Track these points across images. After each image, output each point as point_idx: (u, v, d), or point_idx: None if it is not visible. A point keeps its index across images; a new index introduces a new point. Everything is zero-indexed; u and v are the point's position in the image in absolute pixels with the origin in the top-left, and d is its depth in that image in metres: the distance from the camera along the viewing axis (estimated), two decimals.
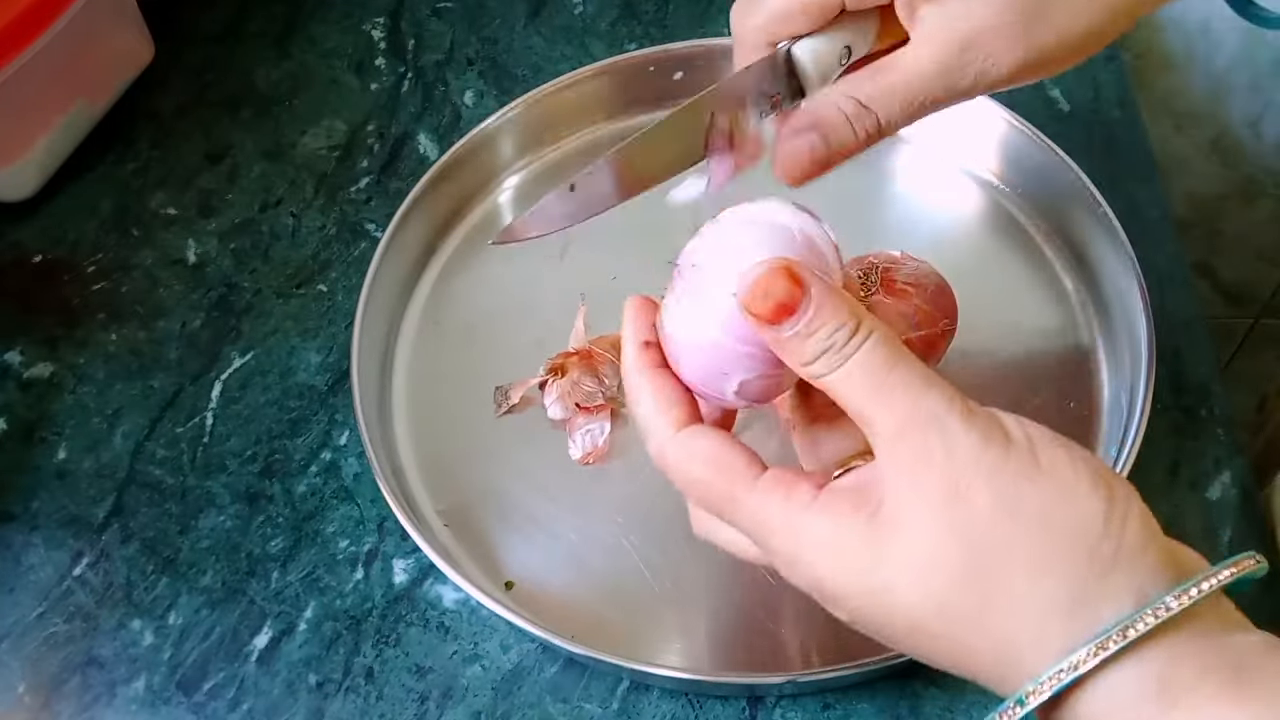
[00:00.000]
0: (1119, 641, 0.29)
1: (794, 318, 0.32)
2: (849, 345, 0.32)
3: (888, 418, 0.32)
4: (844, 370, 0.32)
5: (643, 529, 0.52)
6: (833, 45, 0.40)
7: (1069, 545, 0.30)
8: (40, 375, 0.59)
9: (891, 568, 0.31)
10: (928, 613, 0.31)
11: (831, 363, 0.32)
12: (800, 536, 0.33)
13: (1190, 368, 0.57)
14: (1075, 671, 0.29)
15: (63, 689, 0.49)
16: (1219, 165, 0.86)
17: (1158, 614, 0.29)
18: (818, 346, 0.33)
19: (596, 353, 0.56)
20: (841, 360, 0.32)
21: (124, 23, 0.67)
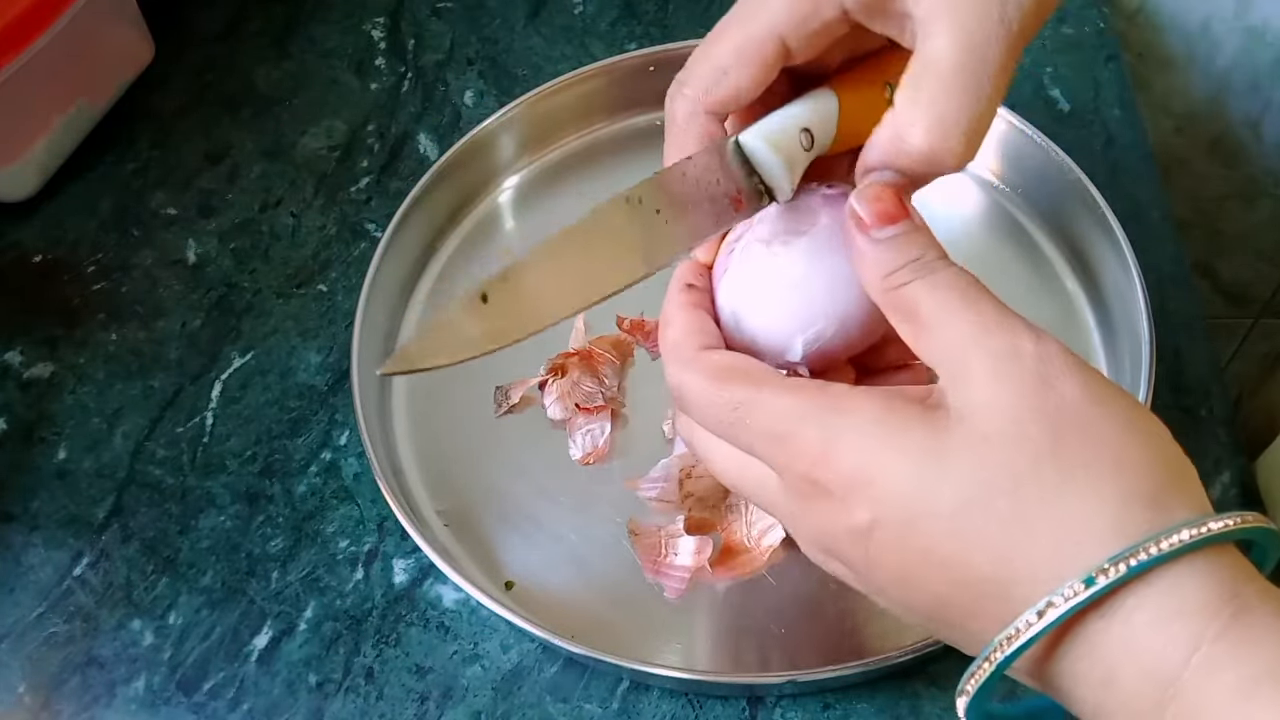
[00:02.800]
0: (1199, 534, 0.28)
1: (896, 224, 0.33)
2: (938, 262, 0.32)
3: (974, 320, 0.31)
4: (923, 282, 0.32)
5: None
6: (786, 125, 0.35)
7: (1147, 448, 0.30)
8: (40, 375, 0.59)
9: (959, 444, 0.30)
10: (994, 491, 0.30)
11: (915, 272, 0.32)
12: (840, 416, 0.31)
13: (1190, 368, 0.57)
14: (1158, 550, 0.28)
15: (63, 689, 0.49)
16: (1219, 165, 0.86)
17: (1233, 522, 0.28)
18: (908, 255, 0.32)
19: (596, 353, 0.56)
20: (924, 273, 0.32)
21: (124, 23, 0.67)
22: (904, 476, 0.30)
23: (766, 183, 0.35)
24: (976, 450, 0.30)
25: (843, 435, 0.31)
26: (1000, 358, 0.31)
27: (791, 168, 0.35)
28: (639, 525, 0.51)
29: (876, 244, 0.33)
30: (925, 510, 0.30)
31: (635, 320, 0.58)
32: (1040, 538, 0.29)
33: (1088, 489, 0.29)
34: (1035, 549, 0.29)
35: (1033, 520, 0.29)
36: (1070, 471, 0.29)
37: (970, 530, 0.30)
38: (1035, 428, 0.30)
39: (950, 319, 0.31)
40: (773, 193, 0.36)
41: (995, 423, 0.30)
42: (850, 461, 0.31)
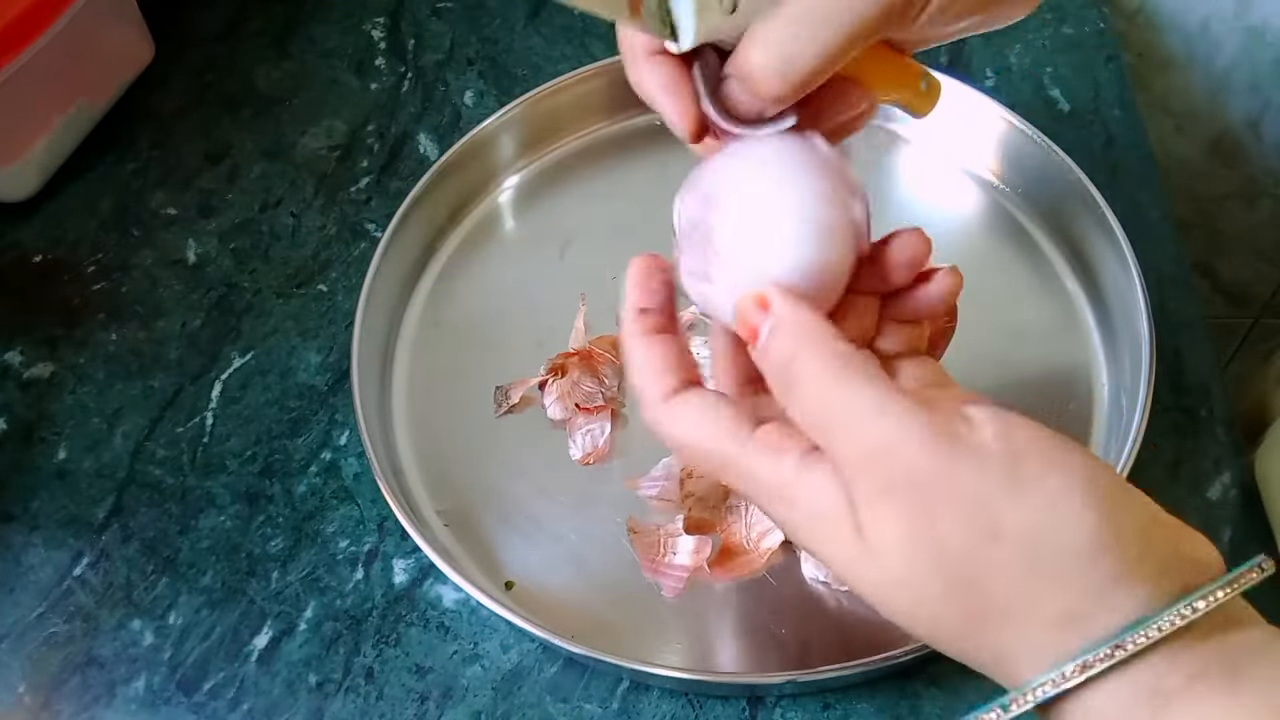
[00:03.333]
0: (1107, 660, 0.29)
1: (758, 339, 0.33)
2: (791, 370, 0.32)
3: (843, 449, 0.31)
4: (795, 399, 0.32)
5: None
6: None
7: (1058, 566, 0.29)
8: (40, 375, 0.59)
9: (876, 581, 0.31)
10: (913, 625, 0.32)
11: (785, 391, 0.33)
12: (790, 505, 0.33)
13: (1190, 368, 0.57)
14: (1060, 686, 0.29)
15: (63, 689, 0.49)
16: (1219, 165, 0.86)
17: (1149, 635, 0.28)
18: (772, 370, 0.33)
19: (596, 353, 0.56)
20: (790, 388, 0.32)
21: (124, 23, 0.67)
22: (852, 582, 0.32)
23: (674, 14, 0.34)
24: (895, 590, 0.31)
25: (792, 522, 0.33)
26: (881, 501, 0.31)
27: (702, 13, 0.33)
28: (639, 524, 0.51)
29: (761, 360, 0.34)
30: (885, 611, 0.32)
31: None
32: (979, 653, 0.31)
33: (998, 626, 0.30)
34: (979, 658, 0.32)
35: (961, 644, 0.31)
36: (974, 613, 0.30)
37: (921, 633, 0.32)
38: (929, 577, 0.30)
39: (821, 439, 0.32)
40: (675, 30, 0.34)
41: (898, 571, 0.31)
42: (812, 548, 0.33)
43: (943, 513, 0.30)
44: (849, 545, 0.31)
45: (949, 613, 0.31)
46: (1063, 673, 0.29)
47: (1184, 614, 0.29)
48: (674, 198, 0.37)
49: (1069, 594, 0.29)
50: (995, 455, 0.30)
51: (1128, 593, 0.29)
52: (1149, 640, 0.29)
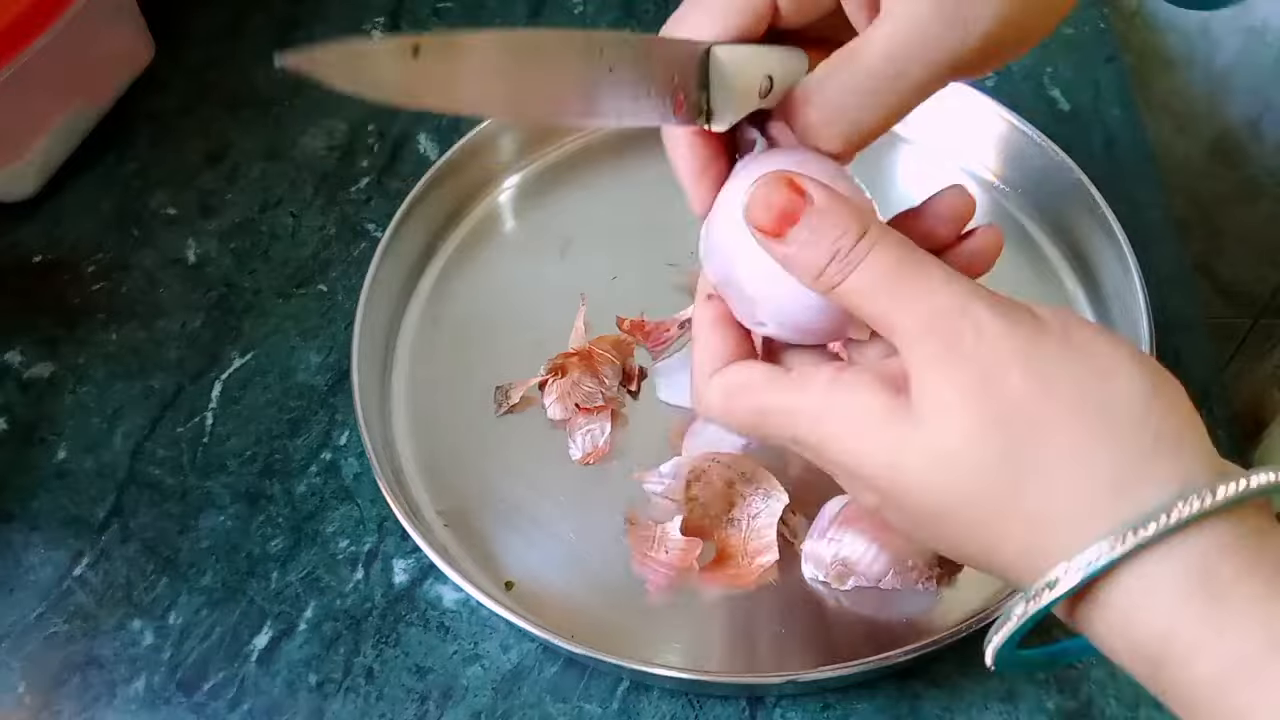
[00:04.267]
0: (1159, 525, 0.28)
1: (797, 226, 0.32)
2: (856, 250, 0.31)
3: (908, 318, 0.31)
4: (856, 276, 0.31)
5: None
6: (757, 62, 0.35)
7: (1108, 425, 0.29)
8: (40, 375, 0.59)
9: (917, 455, 0.31)
10: (956, 500, 0.31)
11: (843, 269, 0.31)
12: (825, 419, 0.32)
13: (1190, 368, 0.57)
14: (1111, 554, 0.28)
15: (63, 689, 0.49)
16: (1219, 165, 0.86)
17: (1202, 500, 0.28)
18: (824, 254, 0.32)
19: (597, 353, 0.56)
20: (851, 266, 0.31)
21: (124, 23, 0.67)
22: (887, 480, 0.32)
23: (713, 103, 0.34)
24: (938, 463, 0.31)
25: (828, 443, 0.33)
26: (943, 353, 0.30)
27: (742, 101, 0.34)
28: (637, 516, 0.51)
29: (790, 250, 0.32)
30: (912, 507, 0.32)
31: (635, 320, 0.58)
32: (1011, 540, 0.30)
33: (1045, 490, 0.30)
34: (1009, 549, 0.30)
35: (1000, 525, 0.30)
36: (1023, 478, 0.30)
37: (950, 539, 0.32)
38: (984, 436, 0.30)
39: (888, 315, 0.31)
40: (711, 116, 0.35)
41: (949, 436, 0.30)
42: (841, 463, 0.33)
43: (1004, 366, 0.30)
44: (890, 430, 0.31)
45: (997, 480, 0.30)
46: (1112, 541, 0.28)
47: (1238, 485, 0.28)
48: (675, 199, 0.38)
49: (1120, 452, 0.29)
50: (1051, 323, 0.31)
51: (1177, 462, 0.29)
52: (1200, 507, 0.28)
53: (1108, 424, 0.29)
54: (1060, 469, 0.29)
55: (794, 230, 0.32)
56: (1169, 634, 0.28)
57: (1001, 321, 0.30)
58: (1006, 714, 0.47)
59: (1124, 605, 0.29)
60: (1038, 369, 0.30)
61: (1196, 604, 0.28)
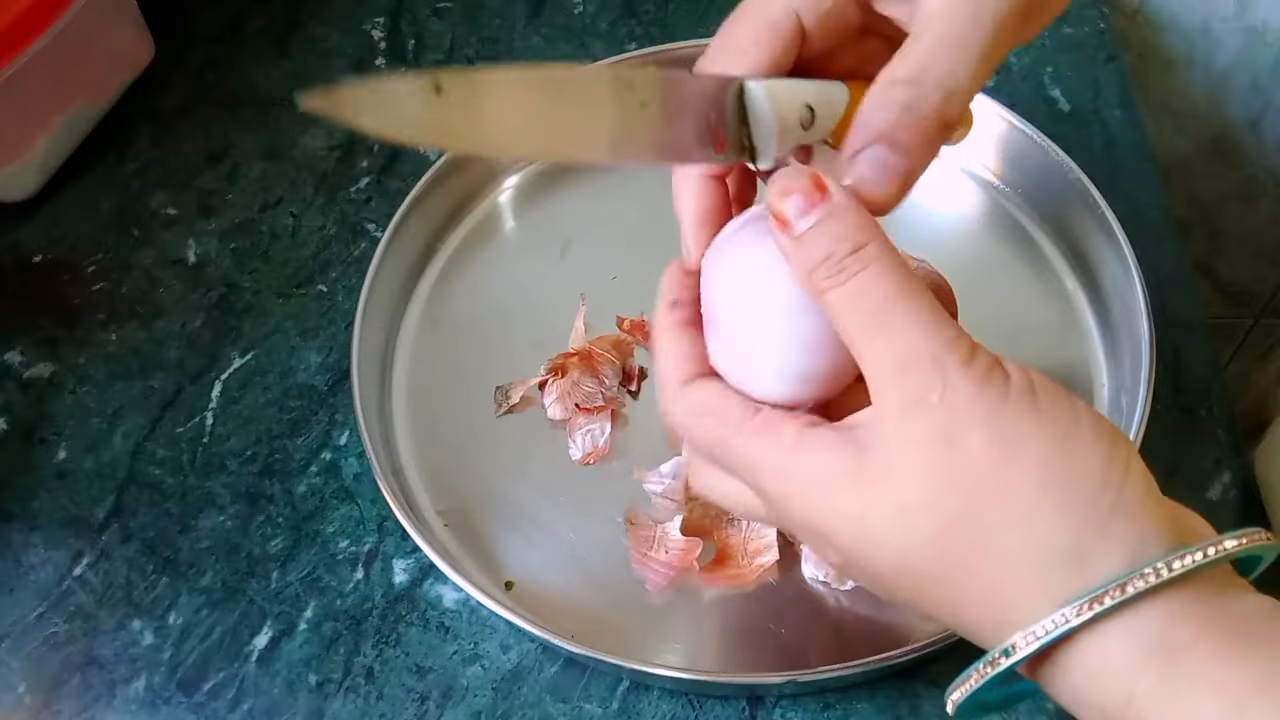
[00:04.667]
0: (1115, 598, 0.28)
1: (806, 217, 0.31)
2: (851, 260, 0.31)
3: (885, 352, 0.31)
4: (844, 289, 0.31)
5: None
6: (794, 92, 0.34)
7: (1066, 492, 0.29)
8: (40, 375, 0.59)
9: (879, 510, 0.31)
10: (917, 558, 0.31)
11: (831, 275, 0.31)
12: (788, 477, 0.32)
13: (1190, 368, 0.57)
14: (1066, 624, 0.28)
15: (63, 689, 0.49)
16: (1219, 165, 0.86)
17: (1158, 573, 0.28)
18: (821, 251, 0.31)
19: (597, 353, 0.56)
20: (842, 276, 0.31)
21: (124, 23, 0.67)
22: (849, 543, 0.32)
23: (753, 140, 0.34)
24: (898, 519, 0.31)
25: (791, 496, 0.33)
26: (909, 404, 0.30)
27: (783, 135, 0.34)
28: (637, 516, 0.51)
29: (795, 242, 0.32)
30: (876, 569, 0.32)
31: (635, 320, 0.58)
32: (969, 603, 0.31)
33: (1002, 556, 0.30)
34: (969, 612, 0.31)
35: (959, 587, 0.31)
36: (980, 542, 0.30)
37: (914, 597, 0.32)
38: (942, 494, 0.30)
39: (866, 343, 0.31)
40: (755, 152, 0.34)
41: (909, 488, 0.30)
42: (803, 520, 0.33)
43: (968, 423, 0.30)
44: (849, 488, 0.31)
45: (955, 538, 0.30)
46: (1070, 611, 0.28)
47: (1194, 557, 0.28)
48: (671, 204, 0.38)
49: (1079, 522, 0.29)
50: (1016, 386, 0.31)
51: (1134, 532, 0.29)
52: (1158, 579, 0.28)
53: (1067, 492, 0.30)
54: (1018, 535, 0.30)
55: (802, 219, 0.32)
56: (1127, 700, 0.29)
57: (971, 381, 0.30)
58: (1006, 714, 0.47)
59: (1082, 670, 0.29)
60: (1000, 432, 0.30)
61: (1154, 671, 0.28)
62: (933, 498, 0.30)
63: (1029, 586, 0.29)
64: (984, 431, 0.30)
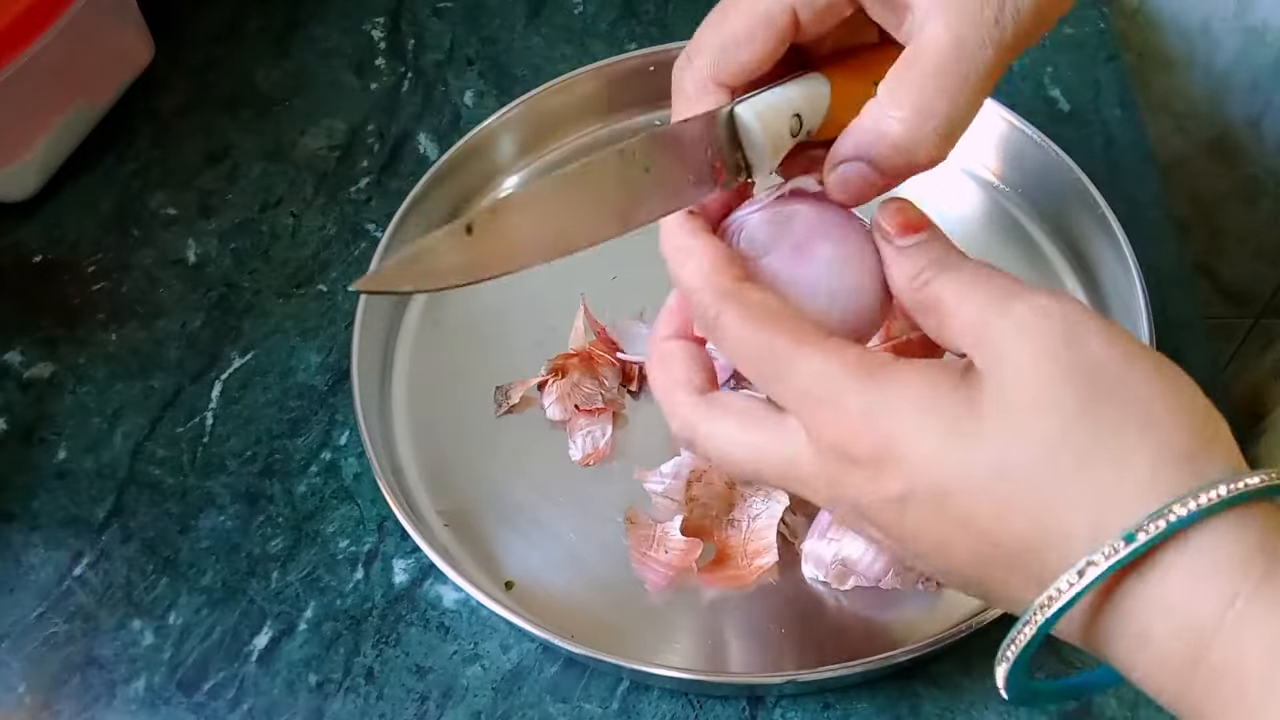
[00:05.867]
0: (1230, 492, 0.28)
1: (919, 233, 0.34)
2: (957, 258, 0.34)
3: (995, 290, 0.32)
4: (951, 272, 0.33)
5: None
6: (780, 106, 0.35)
7: (1178, 403, 0.30)
8: (40, 375, 0.59)
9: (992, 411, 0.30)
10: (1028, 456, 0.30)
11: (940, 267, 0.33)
12: (886, 388, 0.31)
13: (1190, 368, 0.56)
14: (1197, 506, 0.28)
15: (63, 689, 0.49)
16: (1219, 165, 0.86)
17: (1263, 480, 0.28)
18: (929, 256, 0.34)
19: (596, 354, 0.56)
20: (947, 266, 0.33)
21: (124, 23, 0.67)
22: (938, 449, 0.31)
23: (749, 159, 0.35)
24: (1010, 418, 0.30)
25: (881, 407, 0.31)
26: (1026, 322, 0.31)
27: (776, 150, 0.35)
28: (636, 515, 0.51)
29: (901, 251, 0.34)
30: (960, 481, 0.30)
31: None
32: (1076, 500, 0.29)
33: (1121, 449, 0.29)
34: (1072, 512, 0.29)
35: (1068, 484, 0.30)
36: (1103, 433, 0.30)
37: (1007, 498, 0.30)
38: (1066, 389, 0.30)
39: (972, 297, 0.32)
40: (751, 169, 0.35)
41: (1028, 388, 0.30)
42: (885, 433, 0.31)
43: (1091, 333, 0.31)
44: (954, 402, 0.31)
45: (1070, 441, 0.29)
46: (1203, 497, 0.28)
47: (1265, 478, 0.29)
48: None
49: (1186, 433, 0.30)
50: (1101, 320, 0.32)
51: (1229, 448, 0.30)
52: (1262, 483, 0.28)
53: (1178, 403, 0.30)
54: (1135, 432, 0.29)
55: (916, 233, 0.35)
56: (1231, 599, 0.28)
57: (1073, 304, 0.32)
58: (1006, 714, 0.47)
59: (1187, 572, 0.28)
60: (1115, 341, 0.31)
61: (1258, 570, 0.28)
62: (1054, 393, 0.30)
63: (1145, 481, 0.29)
64: (1104, 337, 0.31)
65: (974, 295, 0.32)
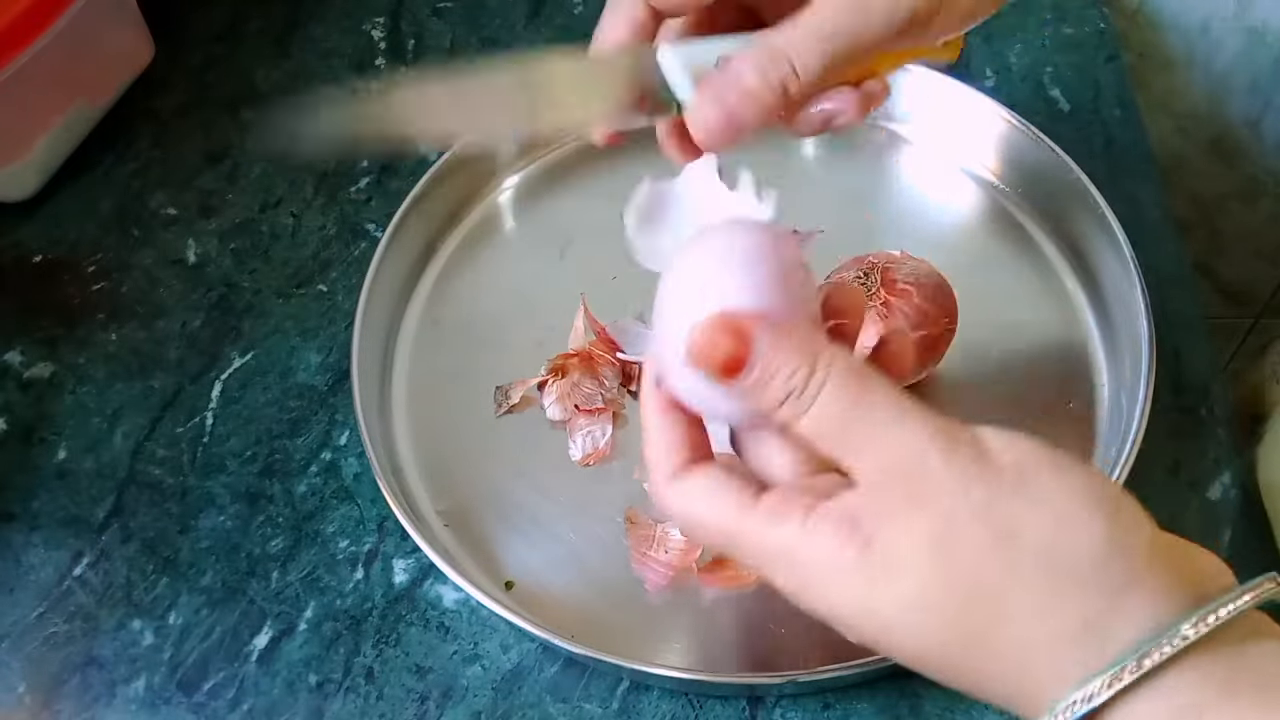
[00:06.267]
0: (1134, 673, 0.28)
1: (744, 371, 0.32)
2: (809, 388, 0.31)
3: (864, 463, 0.31)
4: (810, 416, 0.31)
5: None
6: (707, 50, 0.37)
7: (1073, 572, 0.29)
8: (40, 375, 0.59)
9: (888, 609, 0.31)
10: (929, 650, 0.31)
11: (796, 408, 0.32)
12: (798, 566, 0.32)
13: (1190, 368, 0.57)
14: (1090, 704, 0.28)
15: (63, 689, 0.49)
16: (1219, 165, 0.86)
17: (1173, 644, 0.28)
18: (778, 394, 0.32)
19: (596, 354, 0.56)
20: (806, 405, 0.31)
21: (124, 23, 0.67)
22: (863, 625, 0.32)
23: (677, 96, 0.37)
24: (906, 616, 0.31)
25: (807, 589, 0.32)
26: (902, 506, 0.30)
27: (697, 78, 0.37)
28: (637, 515, 0.51)
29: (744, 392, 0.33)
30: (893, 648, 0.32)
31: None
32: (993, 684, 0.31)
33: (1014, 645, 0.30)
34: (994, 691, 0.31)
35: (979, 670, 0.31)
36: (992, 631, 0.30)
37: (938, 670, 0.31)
38: (947, 592, 0.30)
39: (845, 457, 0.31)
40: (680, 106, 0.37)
41: (912, 588, 0.30)
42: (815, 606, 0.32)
43: (962, 520, 0.30)
44: (858, 582, 0.31)
45: (964, 630, 0.30)
46: (1091, 690, 0.28)
47: (1207, 621, 0.28)
48: None
49: (1086, 600, 0.29)
50: (1006, 466, 0.30)
51: (1144, 600, 0.29)
52: (1174, 649, 0.28)
53: (1073, 572, 0.29)
54: (1028, 620, 0.29)
55: (743, 374, 0.32)
56: None
57: (955, 471, 0.30)
58: (1006, 715, 0.47)
59: None
60: (994, 526, 0.30)
61: None
62: (935, 598, 0.30)
63: (1045, 671, 0.29)
64: (981, 527, 0.30)
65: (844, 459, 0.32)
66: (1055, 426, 0.54)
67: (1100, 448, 0.53)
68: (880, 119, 0.65)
